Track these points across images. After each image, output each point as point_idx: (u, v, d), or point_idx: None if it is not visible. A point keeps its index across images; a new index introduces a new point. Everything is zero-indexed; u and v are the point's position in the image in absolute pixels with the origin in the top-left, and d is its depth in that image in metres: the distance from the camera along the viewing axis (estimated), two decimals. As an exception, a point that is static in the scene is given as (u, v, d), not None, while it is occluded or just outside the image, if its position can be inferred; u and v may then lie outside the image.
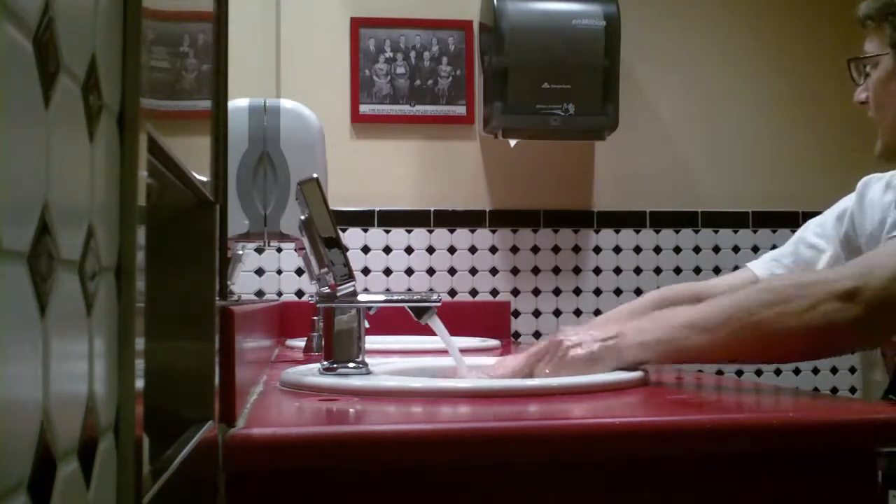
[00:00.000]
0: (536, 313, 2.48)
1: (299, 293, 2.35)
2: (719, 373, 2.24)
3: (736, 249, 2.57)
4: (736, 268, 2.53)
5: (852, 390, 2.60)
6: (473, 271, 2.46)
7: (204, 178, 0.67)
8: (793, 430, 0.84)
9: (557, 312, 2.49)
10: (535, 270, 2.49)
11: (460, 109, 2.47)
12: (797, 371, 2.59)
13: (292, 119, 1.56)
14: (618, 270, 2.53)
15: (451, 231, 2.45)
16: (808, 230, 1.58)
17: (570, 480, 0.82)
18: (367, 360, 1.13)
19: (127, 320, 0.43)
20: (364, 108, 2.44)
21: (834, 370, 2.60)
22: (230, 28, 0.75)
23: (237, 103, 1.51)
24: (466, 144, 2.48)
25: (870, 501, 0.86)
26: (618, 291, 2.52)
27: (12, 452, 0.29)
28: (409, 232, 2.43)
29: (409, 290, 2.39)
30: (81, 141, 0.37)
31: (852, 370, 2.60)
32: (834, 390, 2.59)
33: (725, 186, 2.59)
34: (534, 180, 2.50)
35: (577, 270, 2.50)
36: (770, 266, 1.57)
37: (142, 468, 0.45)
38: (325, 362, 1.11)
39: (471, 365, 1.26)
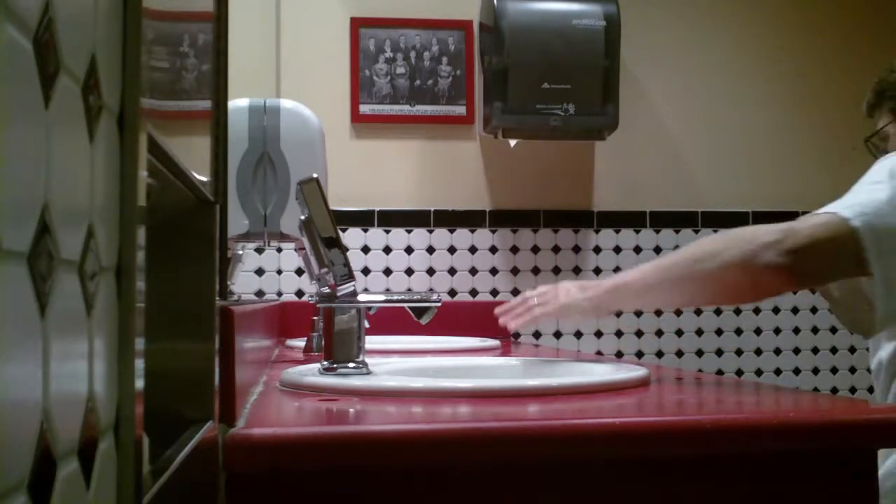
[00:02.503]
0: (536, 313, 2.47)
1: (299, 293, 2.35)
2: (719, 372, 2.24)
3: (736, 249, 2.56)
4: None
5: (852, 390, 2.60)
6: (473, 271, 2.46)
7: (204, 178, 0.67)
8: (793, 430, 0.84)
9: (557, 312, 2.48)
10: (535, 270, 2.49)
11: (460, 109, 2.47)
12: (797, 371, 2.59)
13: (292, 119, 1.56)
14: (618, 270, 2.52)
15: (451, 231, 2.45)
16: None
17: (570, 480, 0.82)
18: (367, 360, 1.13)
19: (127, 320, 0.43)
20: (364, 108, 2.43)
21: (834, 370, 2.60)
22: (230, 28, 0.75)
23: (237, 103, 1.51)
24: (466, 144, 2.48)
25: (870, 501, 0.86)
26: (618, 291, 2.51)
27: (12, 452, 0.29)
28: (409, 232, 2.43)
29: (409, 290, 2.39)
30: (81, 141, 0.37)
31: (852, 370, 2.60)
32: (834, 390, 2.59)
33: (725, 186, 2.59)
34: (534, 180, 2.50)
35: (577, 270, 2.50)
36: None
37: (142, 468, 0.45)
38: (325, 362, 1.11)
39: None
